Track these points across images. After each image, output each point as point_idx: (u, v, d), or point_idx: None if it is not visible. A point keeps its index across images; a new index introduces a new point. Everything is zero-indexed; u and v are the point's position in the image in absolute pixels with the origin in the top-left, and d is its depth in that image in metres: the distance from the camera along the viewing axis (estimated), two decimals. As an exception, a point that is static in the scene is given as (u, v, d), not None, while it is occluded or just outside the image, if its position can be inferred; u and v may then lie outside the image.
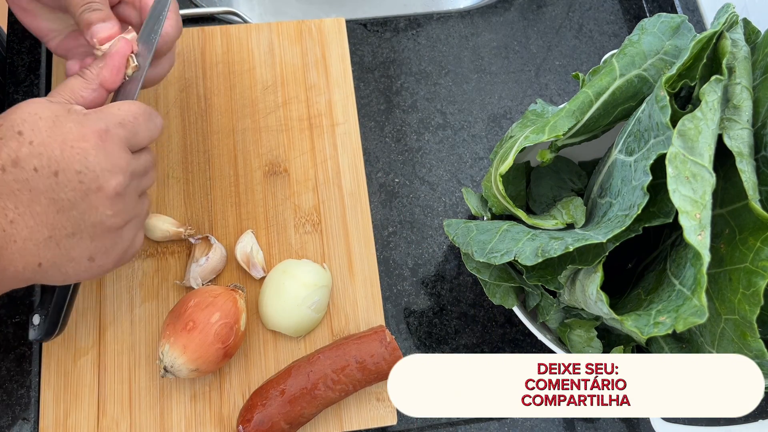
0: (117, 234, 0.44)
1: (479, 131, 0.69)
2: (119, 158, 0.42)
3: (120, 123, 0.43)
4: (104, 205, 0.42)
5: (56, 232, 0.41)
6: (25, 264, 0.40)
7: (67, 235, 0.41)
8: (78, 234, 0.41)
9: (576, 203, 0.49)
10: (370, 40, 0.72)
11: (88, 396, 0.55)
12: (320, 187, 0.63)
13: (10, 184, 0.39)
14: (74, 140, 0.40)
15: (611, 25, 0.75)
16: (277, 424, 0.51)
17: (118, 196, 0.42)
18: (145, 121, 0.45)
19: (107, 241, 0.43)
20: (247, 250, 0.59)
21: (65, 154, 0.40)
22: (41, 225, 0.40)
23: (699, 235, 0.35)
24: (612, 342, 0.52)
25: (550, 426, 0.59)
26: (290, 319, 0.56)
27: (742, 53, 0.42)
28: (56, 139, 0.40)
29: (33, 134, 0.39)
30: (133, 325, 0.57)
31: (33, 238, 0.40)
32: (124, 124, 0.43)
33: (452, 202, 0.66)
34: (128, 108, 0.44)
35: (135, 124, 0.44)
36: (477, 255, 0.47)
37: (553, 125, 0.47)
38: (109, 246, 0.44)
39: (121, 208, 0.43)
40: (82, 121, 0.41)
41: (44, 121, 0.40)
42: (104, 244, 0.43)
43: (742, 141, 0.40)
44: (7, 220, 0.39)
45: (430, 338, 0.61)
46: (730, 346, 0.38)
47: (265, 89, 0.66)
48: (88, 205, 0.41)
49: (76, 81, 0.45)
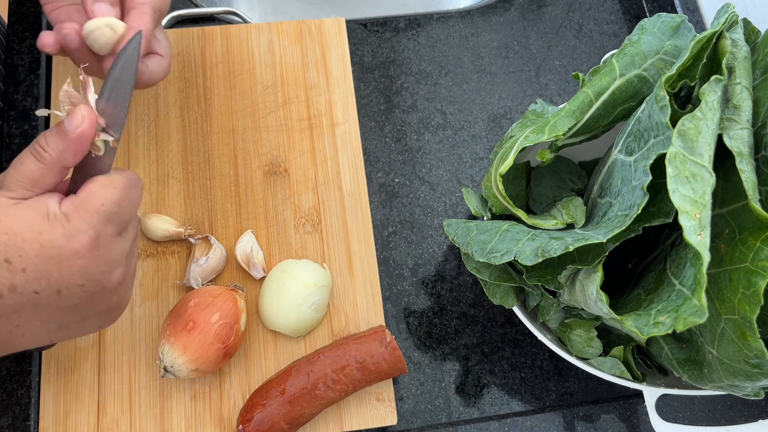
0: (119, 304, 0.44)
1: (479, 131, 0.69)
2: (114, 255, 0.41)
3: (107, 220, 0.39)
4: (110, 296, 0.42)
5: (65, 322, 0.41)
6: (36, 344, 0.42)
7: (75, 322, 0.42)
8: (87, 319, 0.42)
9: (576, 203, 0.49)
10: (370, 40, 0.72)
11: (88, 396, 0.55)
12: (320, 187, 0.63)
13: (11, 306, 0.38)
14: (69, 259, 0.38)
15: (611, 25, 0.75)
16: (277, 424, 0.51)
17: (119, 285, 0.42)
18: (129, 202, 0.41)
19: (113, 313, 0.44)
20: (247, 250, 0.59)
21: (63, 274, 0.38)
22: (49, 321, 0.40)
23: (699, 235, 0.35)
24: (612, 342, 0.52)
25: (550, 426, 0.59)
26: (290, 319, 0.56)
27: (742, 53, 0.42)
28: (50, 263, 0.38)
29: (22, 261, 0.37)
30: (133, 325, 0.57)
31: (42, 330, 0.40)
32: (111, 219, 0.40)
33: (452, 202, 0.66)
34: (110, 196, 0.39)
35: (120, 213, 0.40)
36: (477, 255, 0.47)
37: (553, 125, 0.47)
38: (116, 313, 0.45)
39: (123, 289, 0.43)
40: (69, 235, 0.38)
41: (29, 244, 0.37)
42: (110, 315, 0.44)
43: (742, 141, 0.40)
44: (13, 325, 0.39)
45: (430, 338, 0.61)
46: (730, 346, 0.38)
47: (265, 89, 0.66)
48: (94, 302, 0.41)
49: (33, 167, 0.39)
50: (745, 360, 0.38)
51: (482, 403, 0.59)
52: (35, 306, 0.39)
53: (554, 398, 0.60)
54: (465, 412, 0.59)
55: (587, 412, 0.59)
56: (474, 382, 0.60)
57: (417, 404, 0.59)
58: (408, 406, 0.59)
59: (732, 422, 0.60)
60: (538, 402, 0.60)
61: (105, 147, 0.41)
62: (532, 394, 0.60)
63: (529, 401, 0.60)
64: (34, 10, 0.67)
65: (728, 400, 0.61)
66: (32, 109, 0.63)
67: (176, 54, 0.66)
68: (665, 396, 0.60)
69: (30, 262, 0.37)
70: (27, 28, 0.67)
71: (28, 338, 0.40)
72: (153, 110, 0.64)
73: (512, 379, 0.60)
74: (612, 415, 0.59)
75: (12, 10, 0.67)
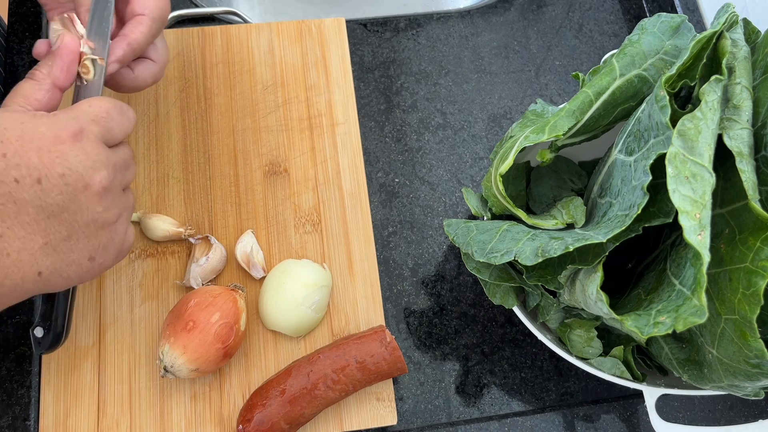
0: (111, 229, 0.43)
1: (479, 131, 0.69)
2: (99, 154, 0.41)
3: (93, 120, 0.42)
4: (93, 202, 0.41)
5: (51, 237, 0.40)
6: (24, 275, 0.39)
7: (62, 238, 0.40)
8: (74, 236, 0.41)
9: (576, 203, 0.49)
10: (370, 40, 0.72)
11: (88, 396, 0.55)
12: (320, 187, 0.63)
13: None
14: (50, 144, 0.39)
15: (611, 25, 0.75)
16: (277, 424, 0.51)
17: (105, 191, 0.41)
18: (118, 116, 0.43)
19: (103, 238, 0.43)
20: (247, 250, 0.59)
21: (44, 159, 0.38)
22: (34, 233, 0.39)
23: (699, 235, 0.35)
24: (612, 342, 0.52)
25: (550, 426, 0.59)
26: (290, 319, 0.56)
27: (742, 53, 0.42)
28: (31, 147, 0.38)
29: (4, 146, 0.38)
30: (133, 325, 0.57)
31: (27, 247, 0.39)
32: (97, 120, 0.42)
33: (452, 202, 0.66)
34: (99, 104, 0.43)
35: (108, 119, 0.42)
36: (477, 255, 0.47)
37: (553, 125, 0.47)
38: (106, 242, 0.43)
39: (111, 203, 0.42)
40: (52, 124, 0.40)
41: (11, 131, 0.38)
42: (101, 241, 0.43)
43: (742, 141, 0.40)
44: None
45: (430, 338, 0.61)
46: (730, 346, 0.38)
47: (265, 89, 0.66)
48: (77, 205, 0.40)
49: (26, 85, 0.43)
50: (745, 360, 0.38)
51: (482, 403, 0.59)
52: (17, 203, 0.38)
53: (554, 398, 0.60)
54: (465, 412, 0.59)
55: (587, 412, 0.59)
56: (474, 382, 0.60)
57: (417, 404, 0.59)
58: (408, 406, 0.59)
59: (732, 422, 0.60)
60: (538, 402, 0.60)
61: (94, 67, 0.46)
62: (532, 394, 0.60)
63: (529, 401, 0.60)
64: (34, 10, 0.67)
65: (728, 400, 0.61)
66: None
67: (176, 54, 0.66)
68: (665, 396, 0.60)
69: (11, 147, 0.38)
70: (27, 28, 0.67)
71: (15, 260, 0.38)
72: (153, 110, 0.64)
73: (512, 379, 0.60)
74: (612, 415, 0.59)
75: (12, 10, 0.67)
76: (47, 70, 0.44)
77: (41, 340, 0.50)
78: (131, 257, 0.59)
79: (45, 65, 0.44)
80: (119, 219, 0.44)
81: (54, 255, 0.40)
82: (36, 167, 0.38)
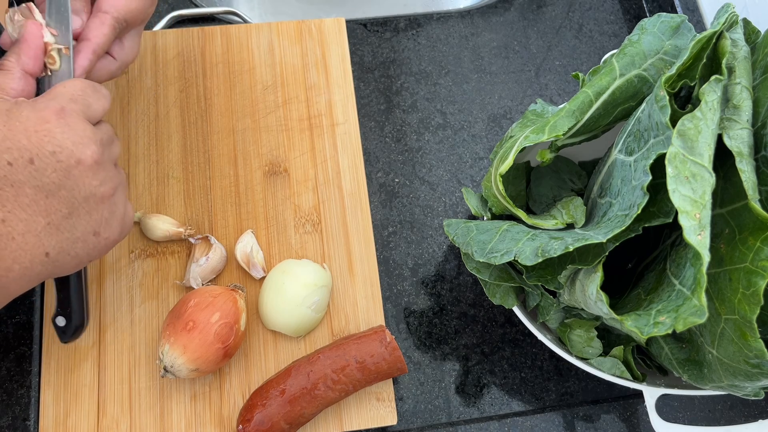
0: (111, 202, 0.44)
1: (479, 131, 0.69)
2: (84, 129, 0.42)
3: (71, 99, 0.42)
4: (88, 176, 0.42)
5: (53, 216, 0.40)
6: (32, 257, 0.40)
7: (64, 216, 0.41)
8: (75, 212, 0.41)
9: (576, 203, 0.49)
10: (370, 40, 0.72)
11: (88, 396, 0.55)
12: (320, 187, 0.63)
13: None
14: (36, 125, 0.40)
15: (611, 25, 0.75)
16: (277, 424, 0.51)
17: (97, 164, 0.42)
18: (94, 93, 0.44)
19: (104, 211, 0.44)
20: (247, 250, 0.59)
21: (33, 140, 0.39)
22: (35, 214, 0.40)
23: (699, 235, 0.35)
24: (612, 342, 0.52)
25: (550, 426, 0.59)
26: (290, 319, 0.56)
27: (742, 53, 0.42)
28: (18, 130, 0.39)
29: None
30: (133, 325, 0.57)
31: (31, 229, 0.39)
32: (75, 99, 0.43)
33: (452, 202, 0.66)
34: (73, 84, 0.44)
35: (85, 97, 0.43)
36: (477, 255, 0.47)
37: (553, 125, 0.47)
38: (108, 215, 0.44)
39: (105, 176, 0.43)
40: (34, 107, 0.41)
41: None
42: (102, 215, 0.43)
43: (742, 141, 0.40)
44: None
45: (430, 338, 0.61)
46: (730, 346, 0.38)
47: (265, 89, 0.66)
48: (73, 181, 0.41)
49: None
50: (745, 360, 0.38)
51: (482, 403, 0.59)
52: (14, 185, 0.39)
53: (554, 398, 0.60)
54: (465, 412, 0.59)
55: (587, 412, 0.59)
56: (474, 382, 0.60)
57: (417, 404, 0.59)
58: (408, 406, 0.59)
59: (732, 422, 0.60)
60: (538, 402, 0.60)
61: (59, 56, 0.46)
62: (532, 394, 0.60)
63: (529, 401, 0.60)
64: (34, 10, 0.67)
65: (728, 400, 0.61)
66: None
67: (176, 54, 0.66)
68: (665, 396, 0.60)
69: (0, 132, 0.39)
70: (27, 28, 0.67)
71: (20, 243, 0.39)
72: (153, 110, 0.64)
73: (512, 379, 0.60)
74: (612, 415, 0.59)
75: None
76: (15, 58, 0.44)
77: (64, 328, 0.50)
78: (131, 257, 0.59)
79: (12, 54, 0.45)
80: (116, 192, 0.45)
81: (58, 234, 0.41)
82: (26, 148, 0.39)
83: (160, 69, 0.66)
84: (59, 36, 0.47)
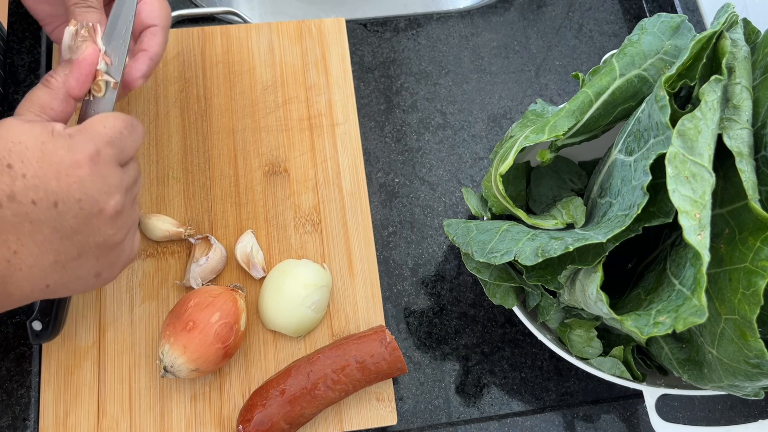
0: (119, 248, 0.44)
1: (479, 131, 0.69)
2: (114, 178, 0.42)
3: (108, 142, 0.42)
4: (106, 225, 0.42)
5: (62, 256, 0.41)
6: (33, 287, 0.41)
7: (72, 257, 0.41)
8: (84, 255, 0.42)
9: (576, 203, 0.49)
10: (370, 40, 0.72)
11: (88, 396, 0.55)
12: (320, 187, 0.63)
13: (9, 219, 0.38)
14: (68, 168, 0.39)
15: (611, 25, 0.75)
16: (277, 424, 0.51)
17: (117, 214, 0.42)
18: (130, 134, 0.44)
19: (112, 257, 0.44)
20: (247, 250, 0.59)
21: (62, 183, 0.39)
22: (46, 252, 0.40)
23: (699, 235, 0.35)
24: (612, 342, 0.52)
25: (550, 426, 0.59)
26: (290, 319, 0.56)
27: (742, 53, 0.42)
28: (50, 170, 0.39)
29: (24, 166, 0.38)
30: (133, 325, 0.57)
31: (38, 264, 0.40)
32: (112, 142, 0.42)
33: (452, 202, 0.66)
34: (113, 124, 0.43)
35: (122, 140, 0.43)
36: (477, 255, 0.47)
37: (553, 125, 0.47)
38: (114, 260, 0.44)
39: (121, 224, 0.43)
40: (71, 147, 0.40)
41: (32, 151, 0.39)
42: (109, 260, 0.44)
43: (742, 141, 0.40)
44: (11, 252, 0.38)
45: (430, 338, 0.61)
46: (730, 346, 0.38)
47: (265, 89, 0.66)
48: (90, 228, 0.41)
49: (42, 93, 0.43)
50: (745, 360, 0.38)
51: (482, 403, 0.59)
52: (32, 223, 0.38)
53: (554, 398, 0.60)
54: (465, 412, 0.59)
55: (587, 412, 0.59)
56: (474, 382, 0.60)
57: (417, 404, 0.59)
58: (408, 406, 0.59)
59: (732, 422, 0.60)
60: (538, 402, 0.60)
61: (106, 88, 0.45)
62: (532, 394, 0.60)
63: (529, 401, 0.60)
64: (34, 10, 0.67)
65: (728, 400, 0.61)
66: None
67: (176, 54, 0.66)
68: (665, 396, 0.60)
69: (31, 167, 0.38)
70: (27, 28, 0.67)
71: (26, 274, 0.39)
72: (153, 110, 0.64)
73: (512, 379, 0.60)
74: (612, 415, 0.59)
75: (12, 10, 0.67)
76: (62, 78, 0.44)
77: (39, 333, 0.52)
78: (131, 257, 0.59)
79: (61, 73, 0.44)
80: (127, 236, 0.45)
81: (62, 272, 0.41)
82: (54, 191, 0.39)
83: (160, 69, 0.66)
84: (112, 66, 0.46)
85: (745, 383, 0.40)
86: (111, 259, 0.44)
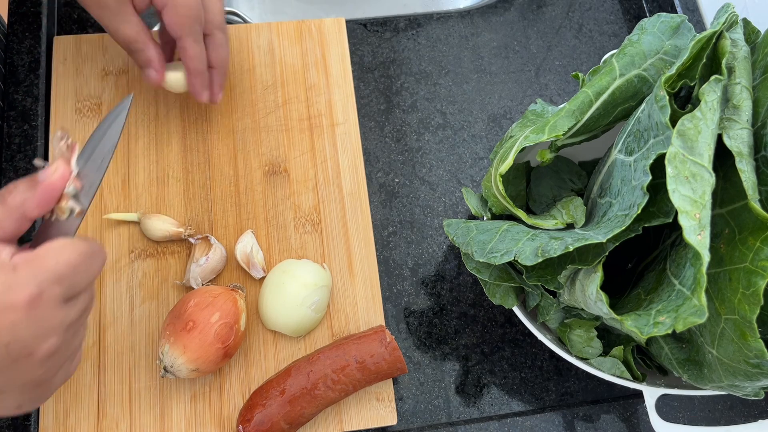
0: (47, 384, 0.40)
1: (479, 131, 0.69)
2: (53, 320, 0.37)
3: (56, 280, 0.37)
4: (34, 367, 0.37)
5: None
6: None
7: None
8: (6, 392, 0.38)
9: (576, 203, 0.49)
10: (370, 40, 0.72)
11: (88, 396, 0.55)
12: (320, 187, 0.63)
13: None
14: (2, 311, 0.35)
15: (611, 25, 0.75)
16: (277, 424, 0.51)
17: (49, 356, 0.38)
18: (87, 268, 0.38)
19: (38, 392, 0.40)
20: (247, 250, 0.59)
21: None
22: None
23: (699, 235, 0.35)
24: (612, 342, 0.52)
25: (550, 426, 0.59)
26: (290, 319, 0.56)
27: (742, 53, 0.42)
28: None
29: None
30: (133, 325, 0.57)
31: None
32: (61, 279, 0.37)
33: (452, 202, 0.66)
34: (67, 258, 0.37)
35: (74, 276, 0.38)
36: (477, 255, 0.47)
37: (553, 125, 0.47)
38: (39, 395, 0.40)
39: (53, 364, 0.39)
40: (10, 285, 0.35)
41: None
42: (34, 395, 0.40)
43: (742, 141, 0.40)
44: None
45: (430, 338, 0.61)
46: (730, 346, 0.38)
47: (265, 89, 0.66)
48: (16, 370, 0.37)
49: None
50: (745, 360, 0.38)
51: (482, 403, 0.59)
52: None
53: (554, 398, 0.60)
54: (465, 412, 0.59)
55: (587, 412, 0.59)
56: (474, 382, 0.60)
57: (417, 404, 0.59)
58: (408, 406, 0.59)
59: (732, 422, 0.60)
60: (538, 402, 0.60)
61: (69, 214, 0.41)
62: (532, 394, 0.60)
63: (529, 401, 0.60)
64: (34, 10, 0.67)
65: (728, 400, 0.61)
66: (32, 109, 0.63)
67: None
68: (665, 396, 0.60)
69: None
70: (27, 28, 0.67)
71: None
72: (153, 110, 0.64)
73: (512, 379, 0.60)
74: (612, 415, 0.59)
75: (12, 10, 0.67)
76: (21, 199, 0.39)
77: None
78: (131, 257, 0.59)
79: (21, 193, 0.39)
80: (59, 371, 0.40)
81: None
82: None
83: (160, 69, 0.65)
84: (82, 191, 0.41)
85: (745, 383, 0.40)
86: (37, 393, 0.40)
